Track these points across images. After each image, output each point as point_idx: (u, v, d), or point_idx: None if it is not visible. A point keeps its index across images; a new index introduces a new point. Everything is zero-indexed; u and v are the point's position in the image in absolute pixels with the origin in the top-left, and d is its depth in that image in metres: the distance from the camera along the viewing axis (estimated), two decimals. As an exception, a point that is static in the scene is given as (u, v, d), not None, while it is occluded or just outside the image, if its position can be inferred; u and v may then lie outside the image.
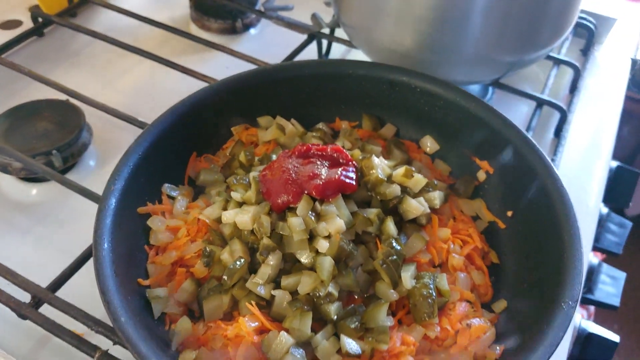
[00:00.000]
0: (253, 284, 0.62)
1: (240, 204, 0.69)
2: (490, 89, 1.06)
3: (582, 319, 0.96)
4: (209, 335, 0.61)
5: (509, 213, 0.72)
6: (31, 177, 0.88)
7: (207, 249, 0.66)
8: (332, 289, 0.61)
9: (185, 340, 0.61)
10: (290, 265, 0.64)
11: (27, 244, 0.82)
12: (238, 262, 0.63)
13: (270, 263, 0.62)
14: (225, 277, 0.63)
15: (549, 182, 0.67)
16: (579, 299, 0.57)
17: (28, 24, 1.16)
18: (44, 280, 0.69)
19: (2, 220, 0.85)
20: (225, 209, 0.69)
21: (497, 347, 0.60)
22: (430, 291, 0.61)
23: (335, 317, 0.60)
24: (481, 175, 0.76)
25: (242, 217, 0.65)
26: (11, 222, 0.85)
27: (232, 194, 0.69)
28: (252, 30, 1.23)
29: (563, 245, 0.61)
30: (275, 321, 0.61)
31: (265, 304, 0.63)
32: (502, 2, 0.80)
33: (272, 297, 0.62)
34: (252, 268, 0.65)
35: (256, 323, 0.59)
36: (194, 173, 0.77)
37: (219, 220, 0.69)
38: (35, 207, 0.87)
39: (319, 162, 0.67)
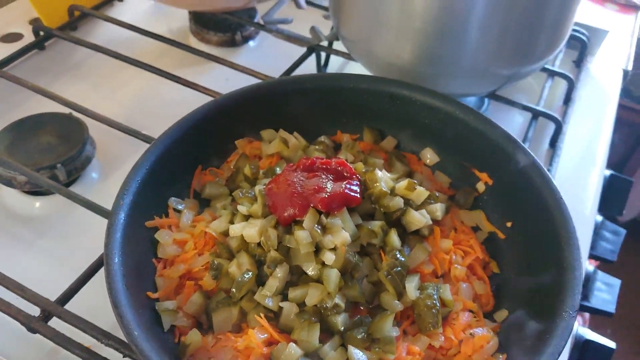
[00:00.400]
0: (261, 297, 0.63)
1: (246, 217, 0.70)
2: (486, 100, 1.08)
3: (579, 326, 0.98)
4: (218, 347, 0.62)
5: (508, 224, 0.74)
6: (34, 191, 0.89)
7: (215, 262, 0.67)
8: (338, 300, 0.62)
9: (195, 352, 0.62)
10: (297, 277, 0.65)
11: (32, 258, 0.82)
12: (246, 275, 0.64)
13: (278, 276, 0.63)
14: (233, 290, 0.64)
15: (547, 194, 0.69)
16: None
17: (29, 38, 1.17)
18: (48, 293, 0.69)
19: (6, 233, 0.85)
20: (231, 222, 0.71)
21: (500, 356, 0.61)
22: (434, 301, 0.63)
23: (343, 328, 0.62)
24: (480, 187, 0.78)
25: (249, 231, 0.66)
26: (15, 235, 0.85)
27: (239, 207, 0.70)
28: (251, 43, 1.24)
29: (562, 255, 0.62)
30: (284, 332, 0.62)
31: (274, 316, 0.64)
32: (499, 16, 0.82)
33: (280, 309, 0.63)
34: (260, 280, 0.66)
35: (265, 335, 0.60)
36: (199, 186, 0.79)
37: (225, 234, 0.70)
38: (39, 220, 0.88)
39: (323, 176, 0.68)
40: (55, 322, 0.66)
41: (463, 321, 0.63)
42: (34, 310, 0.67)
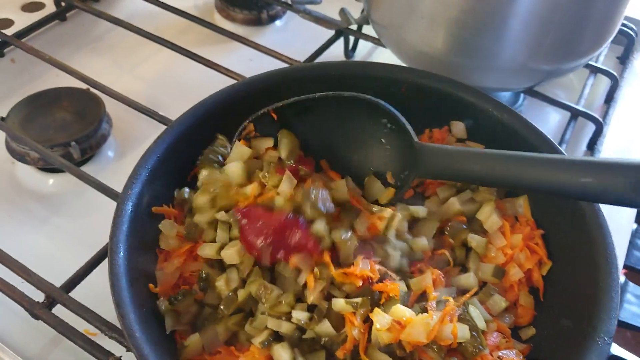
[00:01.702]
0: (251, 330, 0.60)
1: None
2: (522, 96, 1.02)
3: (605, 340, 0.93)
4: (219, 358, 0.59)
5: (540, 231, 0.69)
6: (48, 167, 0.87)
7: (204, 274, 0.64)
8: None
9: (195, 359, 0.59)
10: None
11: (42, 235, 0.81)
12: (235, 293, 0.61)
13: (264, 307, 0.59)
14: (222, 307, 0.60)
15: (584, 203, 0.64)
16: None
17: (50, 7, 1.14)
18: (57, 274, 0.67)
19: (18, 209, 0.84)
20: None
21: None
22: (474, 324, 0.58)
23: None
24: None
25: (227, 251, 0.62)
26: (27, 211, 0.83)
27: (218, 233, 0.66)
28: (278, 22, 1.19)
29: (599, 272, 0.58)
30: None
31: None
32: (544, 8, 0.76)
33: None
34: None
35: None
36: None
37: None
38: (51, 197, 0.86)
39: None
40: (59, 308, 0.65)
41: (491, 342, 0.58)
42: (39, 295, 0.65)
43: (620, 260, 0.85)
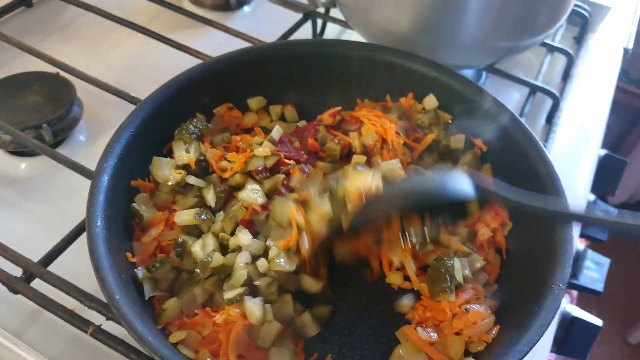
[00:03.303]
0: (228, 287, 0.62)
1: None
2: (484, 73, 1.06)
3: (566, 303, 0.99)
4: (197, 320, 0.61)
5: None
6: (20, 151, 0.87)
7: (180, 239, 0.66)
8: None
9: (173, 322, 0.61)
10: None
11: (16, 219, 0.81)
12: (209, 257, 0.63)
13: (242, 264, 0.62)
14: (197, 270, 0.62)
15: (541, 166, 0.68)
16: (567, 283, 0.58)
17: (16, -7, 1.13)
18: (31, 255, 0.68)
19: (-10, 194, 0.83)
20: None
21: (493, 330, 0.61)
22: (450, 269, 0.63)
23: None
24: (477, 152, 0.77)
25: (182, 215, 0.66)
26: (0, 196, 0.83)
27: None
28: (246, 8, 1.21)
29: (554, 228, 0.62)
30: None
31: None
32: (501, -12, 0.79)
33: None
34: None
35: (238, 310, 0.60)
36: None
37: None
38: (24, 181, 0.86)
39: None
40: (38, 285, 0.65)
41: (462, 297, 0.62)
42: (17, 272, 0.66)
43: (577, 229, 0.90)
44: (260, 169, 0.71)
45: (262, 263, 0.62)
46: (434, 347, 0.60)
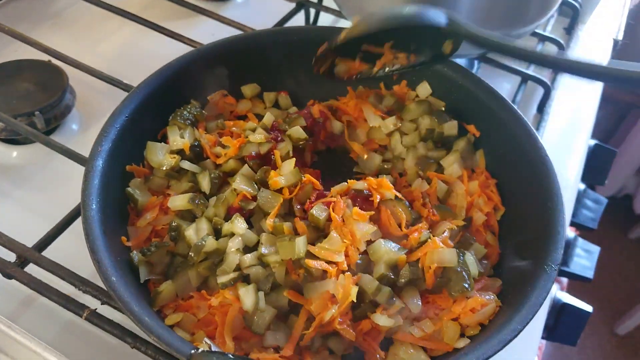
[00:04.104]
0: (221, 272, 0.62)
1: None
2: (476, 62, 1.07)
3: (557, 290, 1.00)
4: (192, 303, 0.61)
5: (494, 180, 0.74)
6: (11, 139, 0.86)
7: (174, 224, 0.66)
8: None
9: (169, 305, 0.61)
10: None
11: (8, 207, 0.80)
12: (203, 241, 0.63)
13: (234, 249, 0.63)
14: (191, 254, 0.63)
15: (533, 151, 0.69)
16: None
17: (7, -18, 1.12)
18: (25, 242, 0.67)
19: (-19, 181, 0.83)
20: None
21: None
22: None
23: None
24: (470, 138, 0.77)
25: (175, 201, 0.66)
26: (-9, 183, 0.83)
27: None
28: (239, -2, 1.21)
29: (547, 211, 0.62)
30: None
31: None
32: (492, -24, 0.80)
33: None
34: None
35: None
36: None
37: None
38: (15, 170, 0.85)
39: None
40: (32, 270, 0.65)
41: (478, 286, 0.62)
42: (10, 257, 0.66)
43: (567, 214, 0.91)
44: (253, 154, 0.71)
45: (251, 255, 0.63)
46: (429, 338, 0.61)
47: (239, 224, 0.64)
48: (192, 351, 0.47)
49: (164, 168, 0.69)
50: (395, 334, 0.61)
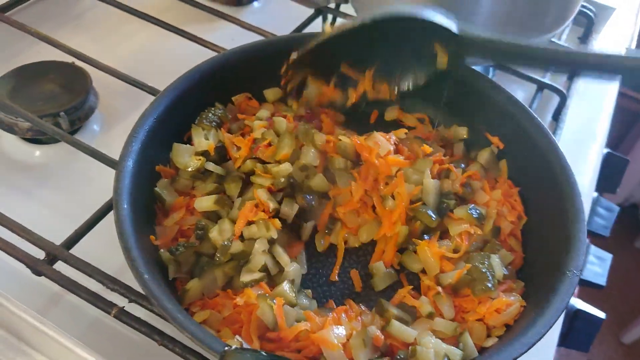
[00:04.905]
0: (246, 272, 0.63)
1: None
2: (491, 70, 1.08)
3: (570, 296, 1.00)
4: (218, 301, 0.62)
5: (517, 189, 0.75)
6: (35, 139, 0.88)
7: (202, 223, 0.67)
8: None
9: (195, 302, 0.63)
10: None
11: (31, 207, 0.81)
12: (229, 242, 0.64)
13: (260, 251, 0.64)
14: (218, 255, 0.64)
15: (555, 160, 0.70)
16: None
17: (31, -16, 1.13)
18: (50, 239, 0.68)
19: (5, 181, 0.84)
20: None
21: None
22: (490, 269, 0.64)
23: None
24: (494, 150, 0.78)
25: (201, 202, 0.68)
26: (14, 183, 0.84)
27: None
28: (256, 3, 1.22)
29: (568, 217, 0.64)
30: None
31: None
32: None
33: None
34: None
35: (261, 291, 0.61)
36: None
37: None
38: (39, 168, 0.87)
39: None
40: (60, 268, 0.66)
41: (501, 289, 0.64)
42: (39, 255, 0.67)
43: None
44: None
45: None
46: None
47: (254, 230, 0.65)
48: (226, 348, 0.48)
49: (190, 169, 0.71)
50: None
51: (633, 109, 2.48)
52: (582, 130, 1.04)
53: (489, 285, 0.61)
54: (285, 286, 0.60)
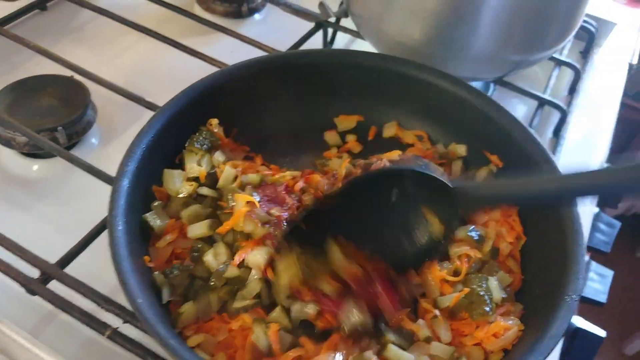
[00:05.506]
0: (240, 300, 0.63)
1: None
2: (492, 85, 1.07)
3: (570, 314, 0.99)
4: (212, 325, 0.62)
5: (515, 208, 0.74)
6: (33, 153, 0.87)
7: (198, 245, 0.66)
8: None
9: (189, 327, 0.62)
10: None
11: (28, 221, 0.81)
12: (225, 266, 0.64)
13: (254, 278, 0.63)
14: (213, 280, 0.63)
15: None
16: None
17: (30, -4, 1.14)
18: (46, 257, 0.68)
19: (2, 195, 0.84)
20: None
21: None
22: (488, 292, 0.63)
23: None
24: (492, 169, 0.78)
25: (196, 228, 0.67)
26: (11, 197, 0.84)
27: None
28: (257, 16, 1.22)
29: (566, 239, 0.63)
30: None
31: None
32: (514, 4, 0.81)
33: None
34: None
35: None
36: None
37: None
38: (36, 183, 0.86)
39: None
40: (54, 287, 0.66)
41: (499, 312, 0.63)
42: (34, 273, 0.66)
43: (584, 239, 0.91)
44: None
45: None
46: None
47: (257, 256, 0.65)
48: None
49: (181, 195, 0.70)
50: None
51: (634, 119, 2.47)
52: (583, 146, 1.03)
53: (487, 309, 0.60)
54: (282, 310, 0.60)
